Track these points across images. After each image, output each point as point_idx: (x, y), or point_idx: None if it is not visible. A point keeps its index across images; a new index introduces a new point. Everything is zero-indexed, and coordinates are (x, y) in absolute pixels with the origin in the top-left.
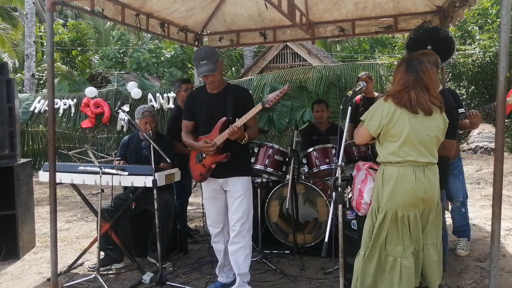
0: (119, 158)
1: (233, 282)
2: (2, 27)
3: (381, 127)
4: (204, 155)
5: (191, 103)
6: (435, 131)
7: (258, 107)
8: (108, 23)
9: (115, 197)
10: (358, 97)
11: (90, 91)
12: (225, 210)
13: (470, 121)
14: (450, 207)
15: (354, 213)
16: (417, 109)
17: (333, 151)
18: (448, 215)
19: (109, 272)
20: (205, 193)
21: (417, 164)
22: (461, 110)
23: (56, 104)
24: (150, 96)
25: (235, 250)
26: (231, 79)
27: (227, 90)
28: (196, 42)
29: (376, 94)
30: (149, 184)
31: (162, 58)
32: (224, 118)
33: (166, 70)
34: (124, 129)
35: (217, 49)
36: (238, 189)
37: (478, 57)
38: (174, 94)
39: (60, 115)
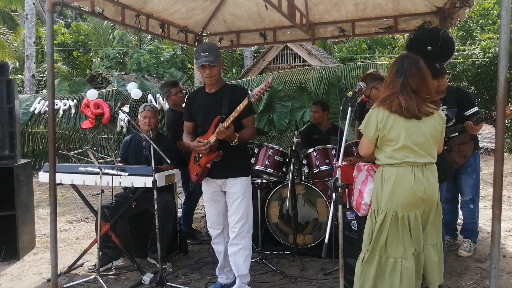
0: (119, 159)
1: (233, 283)
2: (2, 32)
3: (378, 132)
4: (201, 155)
5: (190, 104)
6: (432, 131)
7: (244, 103)
8: (106, 22)
9: (116, 195)
10: None
11: (92, 93)
12: (225, 212)
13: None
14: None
15: (354, 214)
16: (408, 114)
17: (333, 151)
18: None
19: (109, 273)
20: (205, 195)
21: (415, 164)
22: (474, 110)
23: (56, 104)
24: (150, 96)
25: (235, 252)
26: (232, 80)
27: (224, 89)
28: (196, 43)
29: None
30: (149, 184)
31: (162, 59)
32: (218, 117)
33: (166, 70)
34: (124, 130)
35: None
36: (237, 190)
37: (478, 58)
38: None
39: (60, 115)
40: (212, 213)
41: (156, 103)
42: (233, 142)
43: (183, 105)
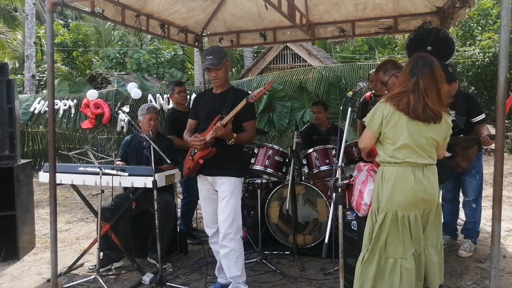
0: (119, 159)
1: None
2: (3, 32)
3: (381, 126)
4: (196, 151)
5: (196, 102)
6: (434, 135)
7: (242, 103)
8: (108, 23)
9: (116, 196)
10: (368, 93)
11: (92, 94)
12: None
13: (482, 144)
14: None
15: (354, 214)
16: (413, 115)
17: (333, 151)
18: None
19: (109, 273)
20: (201, 193)
21: (416, 164)
22: (481, 117)
23: (56, 105)
24: (150, 96)
25: (225, 254)
26: (231, 80)
27: (229, 91)
28: (196, 43)
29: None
30: (149, 185)
31: (162, 59)
32: (218, 116)
33: (166, 71)
34: (124, 130)
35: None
36: (225, 189)
37: (478, 58)
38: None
39: (60, 115)
40: (208, 212)
41: (156, 103)
42: (230, 142)
43: (186, 105)
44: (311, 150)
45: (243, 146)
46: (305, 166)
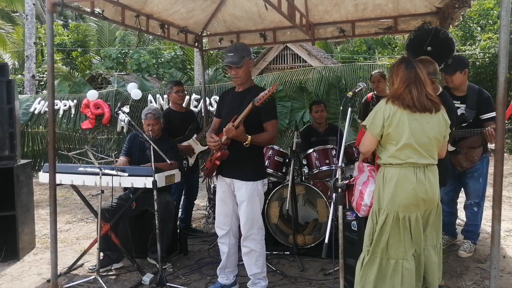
0: (119, 159)
1: (233, 283)
2: (2, 28)
3: (383, 128)
4: (214, 151)
5: (221, 101)
6: (435, 134)
7: (249, 107)
8: (113, 24)
9: (117, 198)
10: (369, 94)
11: (92, 94)
12: (233, 214)
13: (485, 139)
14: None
15: (354, 214)
16: (419, 106)
17: (333, 152)
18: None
19: (109, 273)
20: (218, 193)
21: (417, 165)
22: (491, 114)
23: (56, 105)
24: (150, 97)
25: (246, 253)
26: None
27: (250, 90)
28: (196, 43)
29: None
30: (149, 185)
31: (162, 59)
32: (234, 116)
33: (166, 71)
34: (124, 130)
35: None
36: (242, 194)
37: (478, 58)
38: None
39: (60, 116)
40: (220, 213)
41: (156, 103)
42: (245, 144)
43: (183, 105)
44: (311, 150)
45: (261, 148)
46: (305, 167)
